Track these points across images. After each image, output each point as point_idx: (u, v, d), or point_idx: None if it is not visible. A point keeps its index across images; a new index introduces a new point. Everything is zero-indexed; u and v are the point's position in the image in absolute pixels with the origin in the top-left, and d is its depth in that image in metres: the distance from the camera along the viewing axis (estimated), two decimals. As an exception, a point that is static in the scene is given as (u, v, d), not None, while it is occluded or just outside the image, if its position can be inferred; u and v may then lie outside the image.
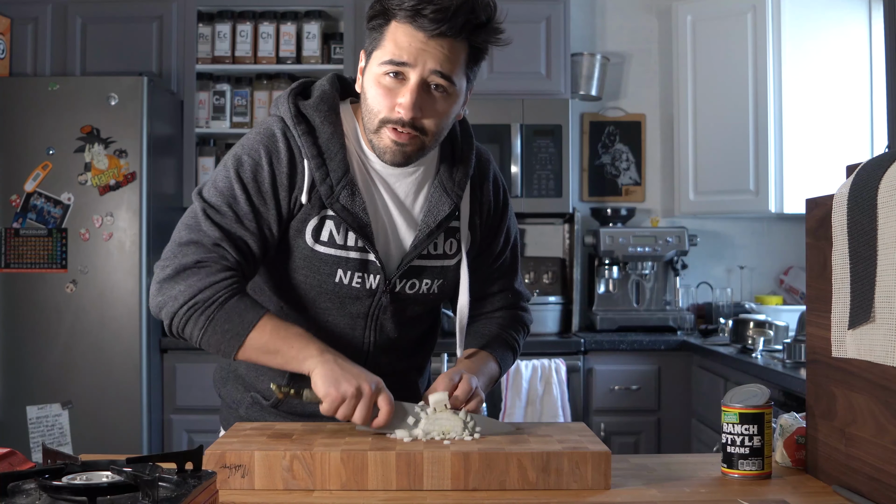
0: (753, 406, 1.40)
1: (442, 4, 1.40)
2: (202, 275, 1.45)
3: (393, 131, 1.46)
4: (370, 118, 1.48)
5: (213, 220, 1.48)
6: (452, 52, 1.43)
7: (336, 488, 1.29)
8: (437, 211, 1.55)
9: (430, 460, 1.28)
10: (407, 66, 1.43)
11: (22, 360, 3.57)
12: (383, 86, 1.45)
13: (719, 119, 3.96)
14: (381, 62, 1.45)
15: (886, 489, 1.18)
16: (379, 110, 1.46)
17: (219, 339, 1.45)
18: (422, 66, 1.43)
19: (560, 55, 4.01)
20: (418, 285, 1.58)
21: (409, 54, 1.42)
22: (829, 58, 3.79)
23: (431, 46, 1.42)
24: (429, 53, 1.42)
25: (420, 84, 1.43)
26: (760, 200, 3.84)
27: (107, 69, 3.95)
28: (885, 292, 1.16)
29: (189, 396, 3.70)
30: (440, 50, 1.42)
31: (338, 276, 1.53)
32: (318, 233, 1.52)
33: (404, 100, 1.43)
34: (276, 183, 1.50)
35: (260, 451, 1.30)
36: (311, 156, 1.50)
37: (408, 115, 1.44)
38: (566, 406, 3.55)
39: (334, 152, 1.51)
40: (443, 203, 1.56)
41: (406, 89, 1.43)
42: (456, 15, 1.40)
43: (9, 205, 3.60)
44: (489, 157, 1.69)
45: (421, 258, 1.57)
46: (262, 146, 1.52)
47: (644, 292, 4.12)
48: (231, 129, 4.12)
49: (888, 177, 1.17)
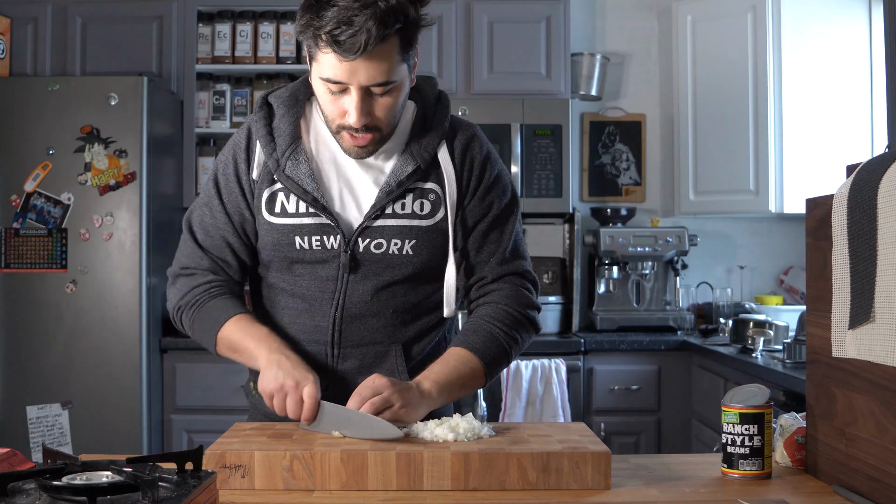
0: (753, 406, 1.40)
1: (357, 26, 1.41)
2: (187, 281, 1.67)
3: (350, 136, 1.55)
4: (327, 120, 1.58)
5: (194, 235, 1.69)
6: (381, 58, 1.46)
7: (336, 488, 1.29)
8: (399, 172, 1.60)
9: (430, 460, 1.28)
10: (343, 83, 1.49)
11: (22, 360, 3.57)
12: (328, 95, 1.53)
13: (719, 119, 3.96)
14: (320, 77, 1.51)
15: (886, 489, 1.18)
16: (332, 117, 1.55)
17: (200, 337, 1.65)
18: (356, 82, 1.48)
19: (560, 55, 4.01)
20: (386, 245, 1.60)
21: (343, 74, 1.47)
22: (829, 57, 3.79)
23: (360, 65, 1.46)
24: (361, 70, 1.46)
25: (360, 93, 1.49)
26: (760, 200, 3.84)
27: (107, 69, 3.96)
28: (885, 292, 1.16)
29: (189, 396, 3.70)
30: (367, 66, 1.46)
31: (297, 243, 1.61)
32: (271, 205, 1.62)
33: (350, 109, 1.50)
34: (238, 171, 1.65)
35: (260, 451, 1.30)
36: (261, 135, 1.63)
37: (358, 123, 1.51)
38: (566, 406, 3.55)
39: (283, 129, 1.63)
40: (407, 164, 1.61)
41: (350, 100, 1.50)
42: (370, 34, 1.41)
43: (9, 205, 3.60)
44: (471, 126, 1.70)
45: (385, 217, 1.60)
46: (230, 144, 1.70)
47: (644, 292, 4.12)
48: (231, 129, 4.11)
49: (888, 177, 1.17)
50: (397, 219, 1.60)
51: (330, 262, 1.61)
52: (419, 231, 1.61)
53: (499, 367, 1.64)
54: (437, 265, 1.64)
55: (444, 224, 1.62)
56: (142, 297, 3.58)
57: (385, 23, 1.42)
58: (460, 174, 1.65)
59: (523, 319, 1.66)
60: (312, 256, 1.61)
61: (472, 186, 1.65)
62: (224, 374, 3.69)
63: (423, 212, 1.61)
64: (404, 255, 1.61)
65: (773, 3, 3.80)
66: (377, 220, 1.60)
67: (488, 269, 1.67)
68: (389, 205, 1.60)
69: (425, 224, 1.61)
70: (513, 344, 1.64)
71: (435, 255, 1.63)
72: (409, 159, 1.61)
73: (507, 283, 1.67)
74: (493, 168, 1.67)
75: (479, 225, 1.66)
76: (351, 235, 1.60)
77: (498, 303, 1.65)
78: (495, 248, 1.67)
